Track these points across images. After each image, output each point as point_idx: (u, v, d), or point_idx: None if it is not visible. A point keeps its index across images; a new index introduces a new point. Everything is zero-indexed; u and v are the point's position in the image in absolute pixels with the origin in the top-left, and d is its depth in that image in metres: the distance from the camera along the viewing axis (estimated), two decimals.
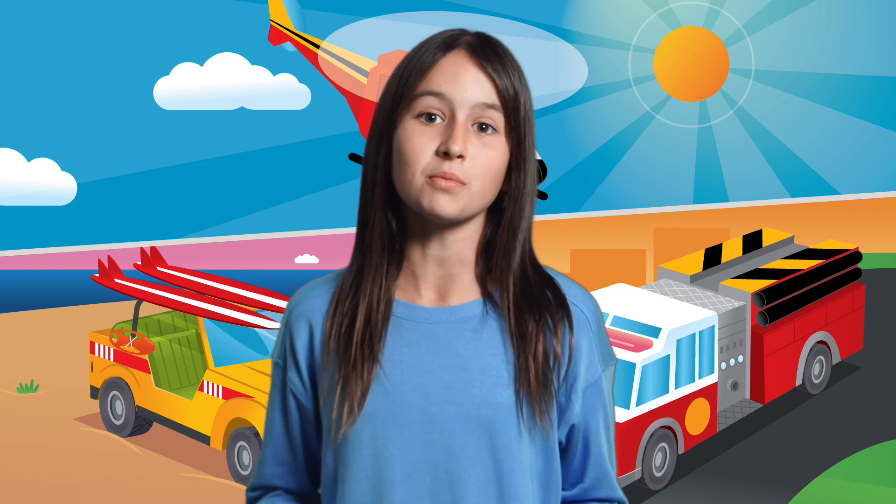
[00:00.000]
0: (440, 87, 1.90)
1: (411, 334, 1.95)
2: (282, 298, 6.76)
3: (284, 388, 2.03)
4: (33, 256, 9.54)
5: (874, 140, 10.47)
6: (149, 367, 6.82)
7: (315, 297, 2.01)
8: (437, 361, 1.94)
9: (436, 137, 1.89)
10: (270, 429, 2.06)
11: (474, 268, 1.98)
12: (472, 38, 1.94)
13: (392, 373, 1.93)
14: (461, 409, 1.92)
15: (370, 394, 1.93)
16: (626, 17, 10.25)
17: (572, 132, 10.18)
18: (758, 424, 6.93)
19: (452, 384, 1.93)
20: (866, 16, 10.42)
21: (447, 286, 1.98)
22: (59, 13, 9.49)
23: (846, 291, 7.49)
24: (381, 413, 1.93)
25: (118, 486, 6.47)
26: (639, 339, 6.29)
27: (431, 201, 1.89)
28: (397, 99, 1.93)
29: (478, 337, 1.95)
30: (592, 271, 8.29)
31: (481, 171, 1.90)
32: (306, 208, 9.74)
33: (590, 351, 2.00)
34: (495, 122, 1.91)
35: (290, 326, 2.02)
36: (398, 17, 9.67)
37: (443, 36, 1.95)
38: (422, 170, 1.89)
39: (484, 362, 1.94)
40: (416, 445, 1.93)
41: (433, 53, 1.92)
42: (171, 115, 9.66)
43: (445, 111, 1.90)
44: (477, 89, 1.90)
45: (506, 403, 1.93)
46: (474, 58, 1.91)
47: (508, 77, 1.92)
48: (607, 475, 2.06)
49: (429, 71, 1.91)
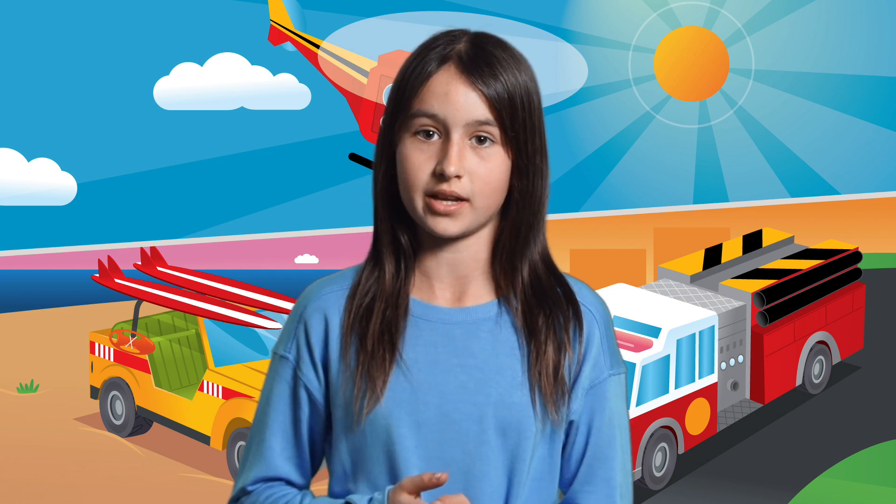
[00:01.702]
0: (433, 107, 1.89)
1: (427, 334, 1.95)
2: (282, 298, 6.76)
3: (295, 382, 2.01)
4: (33, 256, 9.54)
5: (874, 140, 10.47)
6: (149, 367, 6.82)
7: (330, 292, 2.01)
8: (452, 361, 1.94)
9: (433, 156, 1.89)
10: (274, 422, 2.03)
11: (489, 268, 1.98)
12: (465, 46, 1.92)
13: (408, 370, 1.94)
14: (476, 409, 1.93)
15: (390, 383, 1.92)
16: (626, 17, 10.25)
17: (572, 132, 10.18)
18: (758, 424, 6.93)
19: (468, 384, 1.93)
20: (866, 16, 10.42)
21: (462, 287, 1.98)
22: (59, 13, 9.49)
23: (846, 291, 7.49)
24: (396, 409, 1.93)
25: (118, 486, 6.47)
26: (639, 339, 6.29)
27: (434, 224, 1.90)
28: (395, 115, 1.93)
29: (493, 337, 1.95)
30: (592, 271, 8.29)
31: (480, 186, 1.90)
32: (306, 208, 9.74)
33: (597, 352, 1.99)
34: (492, 134, 1.90)
35: (304, 321, 2.00)
36: (398, 17, 9.67)
37: (438, 44, 1.93)
38: (422, 189, 1.90)
39: (500, 362, 1.94)
40: (432, 443, 1.93)
41: (426, 67, 1.91)
42: (171, 115, 9.66)
43: (441, 129, 1.90)
44: (468, 107, 1.89)
45: (521, 403, 1.93)
46: (464, 74, 1.90)
47: (502, 83, 1.90)
48: (608, 484, 2.02)
49: (421, 89, 1.90)
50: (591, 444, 2.01)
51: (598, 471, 2.02)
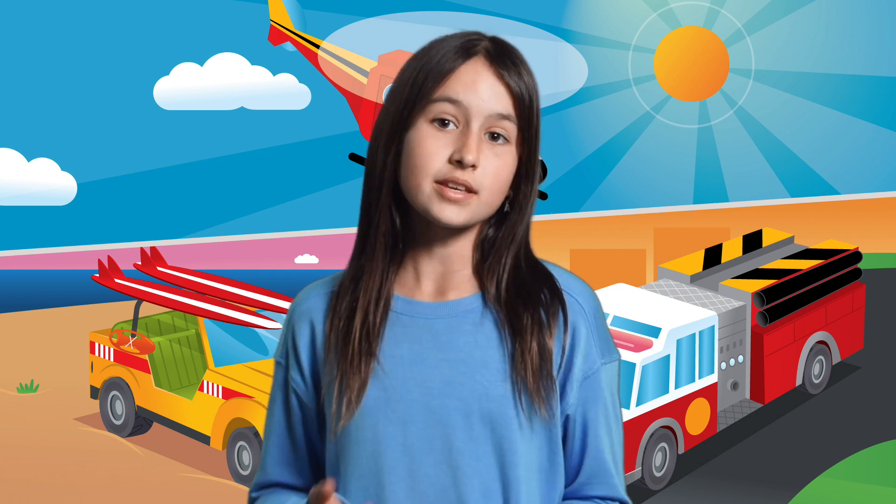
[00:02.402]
0: (458, 94, 1.90)
1: (410, 330, 1.96)
2: (282, 298, 6.76)
3: (287, 386, 2.03)
4: (33, 256, 9.54)
5: (874, 140, 10.47)
6: (149, 367, 6.82)
7: (316, 296, 2.02)
8: (437, 356, 1.94)
9: (449, 144, 1.90)
10: (272, 427, 2.07)
11: (471, 263, 1.99)
12: (490, 44, 1.95)
13: (392, 368, 1.94)
14: (462, 403, 1.93)
15: (368, 389, 1.93)
16: (626, 17, 10.25)
17: (572, 132, 10.18)
18: (758, 424, 6.93)
19: (453, 378, 1.93)
20: (866, 16, 10.42)
21: (446, 282, 1.98)
22: (59, 13, 9.49)
23: (846, 291, 7.49)
24: (381, 408, 1.93)
25: (118, 486, 6.47)
26: (639, 339, 6.29)
27: (440, 210, 1.90)
28: (411, 101, 1.92)
29: (477, 331, 1.95)
30: (592, 271, 8.29)
31: (490, 180, 1.91)
32: (306, 208, 9.74)
33: (587, 342, 1.99)
34: (508, 132, 1.92)
35: (292, 325, 2.03)
36: (398, 17, 9.67)
37: (461, 40, 1.94)
38: (432, 175, 1.90)
39: (484, 356, 1.94)
40: (418, 440, 1.93)
41: (452, 59, 1.92)
42: (171, 115, 9.66)
43: (460, 118, 1.91)
44: (493, 99, 1.91)
45: (506, 396, 1.93)
46: (493, 66, 1.92)
47: (526, 87, 1.93)
48: (607, 472, 2.03)
49: (447, 77, 1.91)
50: (590, 435, 2.01)
51: (595, 463, 2.02)
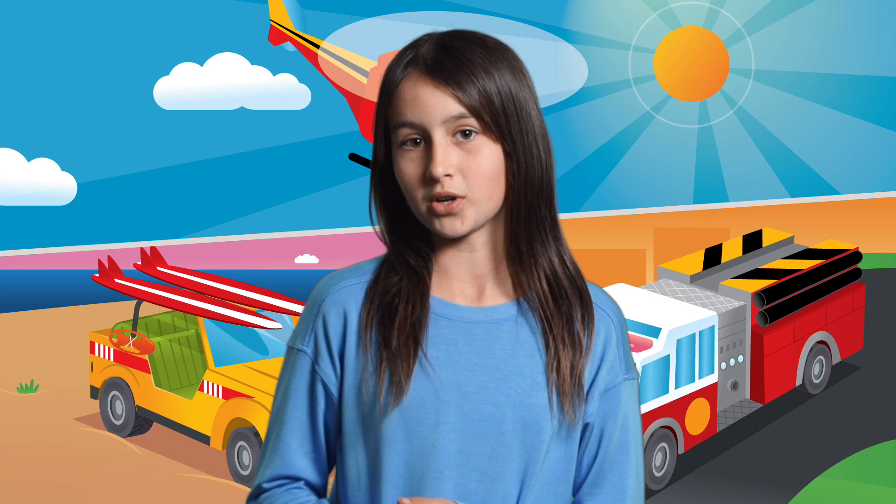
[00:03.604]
0: (406, 115, 1.89)
1: (448, 332, 1.94)
2: (282, 298, 6.76)
3: (313, 377, 1.98)
4: (33, 256, 9.54)
5: (874, 140, 10.47)
6: (149, 367, 6.82)
7: (348, 285, 1.98)
8: (473, 360, 1.93)
9: (422, 162, 1.89)
10: (290, 418, 2.00)
11: (507, 266, 1.97)
12: (426, 48, 1.92)
13: (431, 367, 1.92)
14: (497, 409, 1.92)
15: (413, 379, 1.90)
16: (626, 17, 10.25)
17: (572, 132, 10.19)
18: (758, 424, 6.93)
19: (488, 384, 1.92)
20: (866, 16, 10.42)
21: (481, 286, 1.97)
22: (60, 13, 9.49)
23: (846, 291, 7.49)
24: (416, 408, 1.91)
25: (118, 486, 6.47)
26: (639, 339, 6.29)
27: (441, 226, 1.90)
28: (380, 128, 1.93)
29: (514, 338, 1.94)
30: (592, 271, 8.27)
31: (473, 179, 1.88)
32: (306, 208, 9.74)
33: (614, 356, 1.99)
34: (472, 125, 1.88)
35: (323, 315, 1.97)
36: (398, 17, 9.67)
37: (403, 53, 1.93)
38: (420, 197, 1.89)
39: (520, 364, 1.93)
40: (450, 442, 1.91)
41: (394, 79, 1.91)
42: (171, 115, 9.66)
43: (421, 134, 1.89)
44: (440, 106, 1.87)
45: (540, 405, 1.92)
46: (427, 74, 1.89)
47: (467, 74, 1.88)
48: (619, 488, 2.01)
49: (393, 99, 1.91)
50: (603, 447, 2.01)
51: (609, 474, 2.02)
